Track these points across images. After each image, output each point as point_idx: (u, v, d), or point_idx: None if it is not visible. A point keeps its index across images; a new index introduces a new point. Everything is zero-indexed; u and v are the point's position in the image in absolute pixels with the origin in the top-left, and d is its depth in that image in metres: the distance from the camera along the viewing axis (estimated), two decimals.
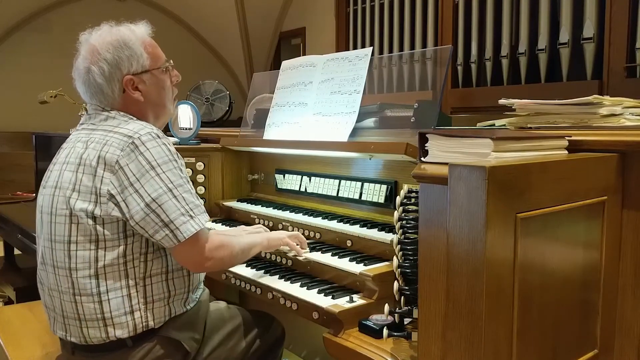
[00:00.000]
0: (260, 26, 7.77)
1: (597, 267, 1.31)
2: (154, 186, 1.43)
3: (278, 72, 2.33)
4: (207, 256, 1.49)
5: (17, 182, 5.77)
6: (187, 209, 1.45)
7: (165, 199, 1.43)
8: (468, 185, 1.04)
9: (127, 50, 1.56)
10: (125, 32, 1.59)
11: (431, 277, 1.17)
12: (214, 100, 4.79)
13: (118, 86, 1.56)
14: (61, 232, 1.47)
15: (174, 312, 1.56)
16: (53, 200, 1.51)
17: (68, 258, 1.46)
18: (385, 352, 1.36)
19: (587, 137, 1.37)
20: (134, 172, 1.43)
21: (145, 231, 1.44)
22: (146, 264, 1.50)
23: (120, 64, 1.55)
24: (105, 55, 1.54)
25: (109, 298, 1.46)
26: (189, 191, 1.49)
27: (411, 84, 4.25)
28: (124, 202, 1.43)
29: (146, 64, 1.59)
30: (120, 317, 1.47)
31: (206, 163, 2.44)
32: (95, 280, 1.45)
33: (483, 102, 4.00)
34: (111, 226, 1.45)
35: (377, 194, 1.89)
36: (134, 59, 1.57)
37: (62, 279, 1.49)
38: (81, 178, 1.46)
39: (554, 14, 3.72)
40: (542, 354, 1.20)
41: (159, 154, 1.46)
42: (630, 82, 3.33)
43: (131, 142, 1.44)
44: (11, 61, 7.09)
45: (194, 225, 1.45)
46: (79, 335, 1.50)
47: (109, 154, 1.44)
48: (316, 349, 2.24)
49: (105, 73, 1.54)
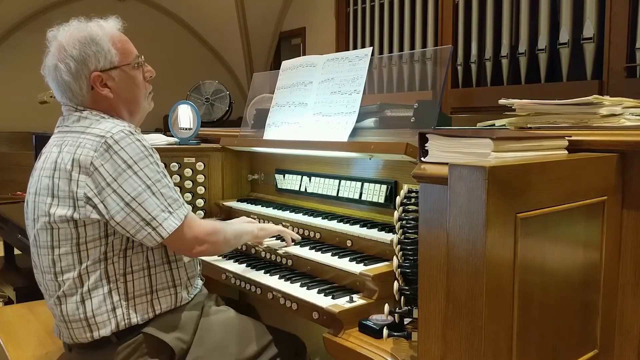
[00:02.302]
0: (260, 26, 7.77)
1: (597, 267, 1.31)
2: (133, 185, 1.42)
3: (278, 72, 2.32)
4: (201, 240, 1.53)
5: (17, 182, 5.77)
6: (166, 205, 1.46)
7: (145, 197, 1.43)
8: (468, 185, 1.04)
9: (94, 46, 1.53)
10: (94, 27, 1.56)
11: (431, 277, 1.17)
12: (214, 100, 4.79)
13: (86, 83, 1.54)
14: (44, 238, 1.49)
15: (159, 309, 1.55)
16: (34, 207, 1.52)
17: (53, 262, 1.48)
18: (385, 352, 1.36)
19: (587, 137, 1.37)
20: (109, 172, 1.42)
21: (126, 231, 1.45)
22: (125, 259, 1.50)
23: (87, 60, 1.52)
24: (72, 51, 1.52)
25: (91, 297, 1.47)
26: (166, 185, 1.48)
27: (411, 84, 4.24)
28: (102, 203, 1.43)
29: (115, 60, 1.56)
30: (102, 314, 1.48)
31: (206, 163, 2.44)
32: (80, 281, 1.47)
33: (483, 102, 3.99)
34: (92, 227, 1.46)
35: (377, 194, 1.89)
36: (101, 55, 1.54)
37: (50, 283, 1.51)
38: (57, 183, 1.45)
39: (554, 14, 3.72)
40: (542, 354, 1.20)
41: (133, 151, 1.45)
42: (630, 82, 3.32)
43: (104, 142, 1.43)
44: (11, 61, 7.08)
45: (175, 221, 1.46)
46: (68, 336, 1.53)
47: (83, 156, 1.43)
48: (316, 349, 2.24)
49: (72, 70, 1.52)
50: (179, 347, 1.55)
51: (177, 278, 1.60)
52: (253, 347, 1.67)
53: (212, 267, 1.99)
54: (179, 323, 1.58)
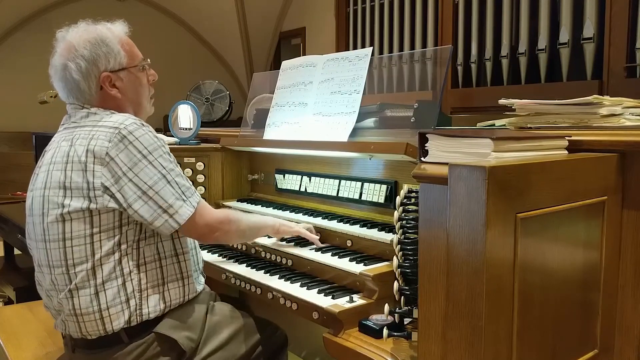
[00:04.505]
0: (260, 26, 7.77)
1: (597, 267, 1.31)
2: (149, 174, 1.46)
3: (278, 72, 2.33)
4: (213, 228, 1.58)
5: (17, 182, 5.77)
6: (180, 192, 1.50)
7: (161, 186, 1.46)
8: (468, 185, 1.04)
9: (104, 47, 1.57)
10: (103, 29, 1.60)
11: (431, 277, 1.17)
12: (214, 100, 4.79)
13: (95, 82, 1.57)
14: (55, 230, 1.48)
15: (169, 301, 1.56)
16: (43, 201, 1.51)
17: (64, 255, 1.47)
18: (385, 352, 1.36)
19: (587, 137, 1.37)
20: (125, 162, 1.44)
21: (144, 219, 1.46)
22: (139, 250, 1.52)
23: (97, 60, 1.56)
24: (83, 51, 1.55)
25: (105, 289, 1.47)
26: (179, 174, 1.53)
27: (411, 84, 4.24)
28: (119, 192, 1.45)
29: (123, 61, 1.61)
30: (116, 306, 1.48)
31: (206, 163, 2.44)
32: (93, 273, 1.47)
33: (483, 102, 3.99)
34: (107, 216, 1.46)
35: (377, 194, 1.89)
36: (111, 56, 1.58)
37: (59, 277, 1.49)
38: (70, 175, 1.46)
39: (554, 14, 3.72)
40: (542, 354, 1.20)
41: (147, 141, 1.48)
42: (630, 82, 3.32)
43: (118, 133, 1.46)
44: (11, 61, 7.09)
45: (189, 208, 1.50)
46: (76, 330, 1.52)
47: (97, 147, 1.45)
48: (316, 349, 2.24)
49: (82, 69, 1.55)
50: (189, 346, 1.58)
51: (184, 270, 1.62)
52: (250, 342, 1.73)
53: (213, 267, 1.99)
54: (189, 321, 1.60)
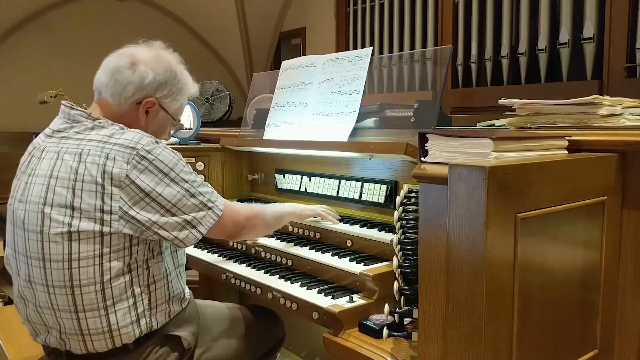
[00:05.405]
0: (260, 26, 7.76)
1: (597, 267, 1.31)
2: (172, 192, 1.44)
3: (278, 72, 2.33)
4: (241, 225, 1.60)
5: None
6: (205, 201, 1.49)
7: (185, 201, 1.45)
8: (468, 185, 1.04)
9: (171, 79, 1.59)
10: (188, 78, 1.67)
11: (431, 277, 1.17)
12: (214, 100, 4.78)
13: (138, 96, 1.54)
14: (58, 251, 1.41)
15: (173, 313, 1.56)
16: (43, 218, 1.42)
17: (69, 276, 1.41)
18: (385, 352, 1.36)
19: (587, 137, 1.37)
20: (147, 183, 1.41)
21: (168, 233, 1.44)
22: (149, 270, 1.49)
23: (162, 85, 1.57)
24: (159, 69, 1.56)
25: (116, 310, 1.44)
26: (201, 184, 1.51)
27: (411, 84, 4.24)
28: (140, 213, 1.41)
29: (172, 107, 1.64)
30: (127, 326, 1.46)
31: (206, 163, 2.44)
32: (102, 294, 1.42)
33: (483, 102, 3.99)
34: (118, 237, 1.41)
35: (377, 194, 1.89)
36: (171, 94, 1.60)
37: (60, 298, 1.42)
38: (81, 195, 1.39)
39: (554, 14, 3.72)
40: (542, 354, 1.20)
41: (167, 158, 1.45)
42: (630, 82, 3.32)
43: (136, 154, 1.41)
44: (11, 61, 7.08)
45: (212, 216, 1.50)
46: (80, 348, 1.47)
47: (116, 169, 1.39)
48: (316, 349, 2.24)
49: (145, 79, 1.53)
50: (192, 340, 1.60)
51: (183, 279, 1.64)
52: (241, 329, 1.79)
53: (213, 267, 2.00)
54: (188, 319, 1.62)
